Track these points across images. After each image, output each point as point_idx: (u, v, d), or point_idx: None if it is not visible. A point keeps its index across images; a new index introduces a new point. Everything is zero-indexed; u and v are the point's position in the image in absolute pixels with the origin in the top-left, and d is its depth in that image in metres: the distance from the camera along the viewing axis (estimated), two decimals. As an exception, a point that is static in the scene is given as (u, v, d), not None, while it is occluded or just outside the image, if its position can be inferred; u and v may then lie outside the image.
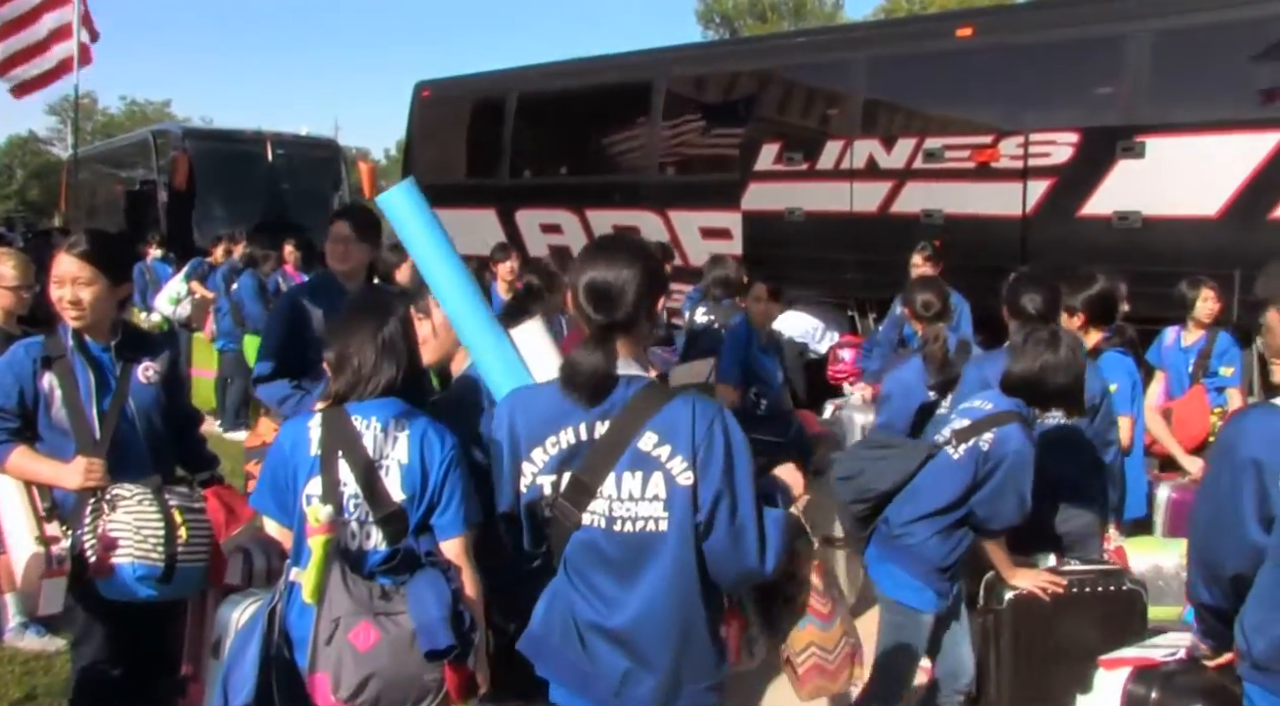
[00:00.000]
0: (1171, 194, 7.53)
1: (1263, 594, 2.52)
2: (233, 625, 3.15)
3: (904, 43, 9.86)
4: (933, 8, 28.58)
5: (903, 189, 8.91)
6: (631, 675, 2.45)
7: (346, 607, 2.71)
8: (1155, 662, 3.11)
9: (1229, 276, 6.94)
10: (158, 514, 3.32)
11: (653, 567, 2.42)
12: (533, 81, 12.73)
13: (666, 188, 10.94)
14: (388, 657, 2.68)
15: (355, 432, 2.84)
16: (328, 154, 18.21)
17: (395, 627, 2.70)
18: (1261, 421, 2.53)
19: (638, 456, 2.41)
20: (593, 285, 2.48)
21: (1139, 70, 7.90)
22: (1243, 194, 7.16)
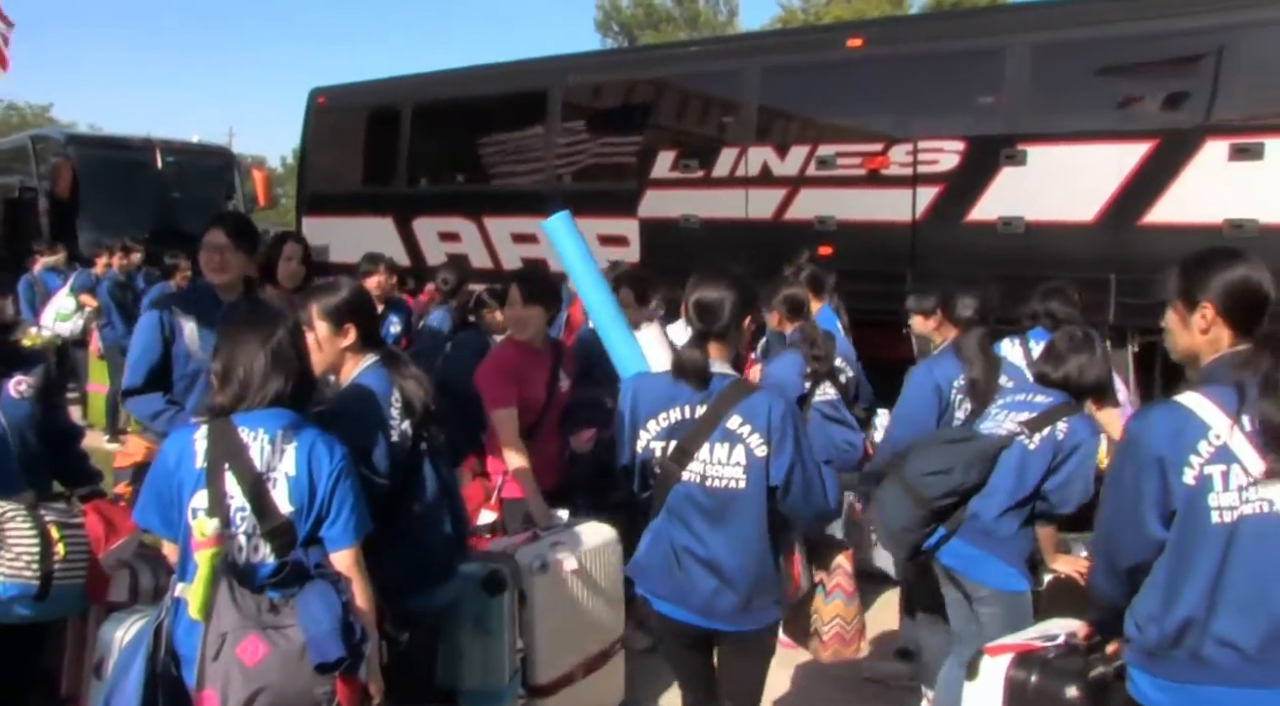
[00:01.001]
0: (1052, 200, 7.79)
1: (1157, 584, 2.63)
2: (116, 644, 3.10)
3: (797, 52, 10.01)
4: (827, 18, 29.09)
5: (796, 196, 9.06)
6: (718, 592, 3.32)
7: (234, 622, 2.68)
8: (1036, 649, 3.21)
9: (1105, 280, 7.23)
10: (32, 531, 3.22)
11: (734, 514, 3.30)
12: (429, 89, 12.63)
13: (564, 195, 10.93)
14: (277, 671, 2.66)
15: (242, 444, 2.80)
16: (220, 162, 17.78)
17: (285, 641, 2.67)
18: (1164, 418, 2.61)
19: (726, 433, 3.27)
20: (699, 302, 3.35)
21: (1020, 81, 8.16)
22: (1117, 201, 7.44)
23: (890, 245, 8.42)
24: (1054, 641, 3.21)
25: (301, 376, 2.96)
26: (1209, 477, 2.52)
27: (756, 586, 3.34)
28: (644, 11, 36.76)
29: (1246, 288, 2.62)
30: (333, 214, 12.72)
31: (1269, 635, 2.50)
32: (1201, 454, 2.53)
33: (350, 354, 3.45)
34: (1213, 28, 7.37)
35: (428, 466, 3.44)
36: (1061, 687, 2.99)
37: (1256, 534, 2.51)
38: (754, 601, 3.35)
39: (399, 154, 12.48)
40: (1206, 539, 2.54)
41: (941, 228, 8.29)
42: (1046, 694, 3.01)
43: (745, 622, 3.38)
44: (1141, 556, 2.66)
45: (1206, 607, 2.54)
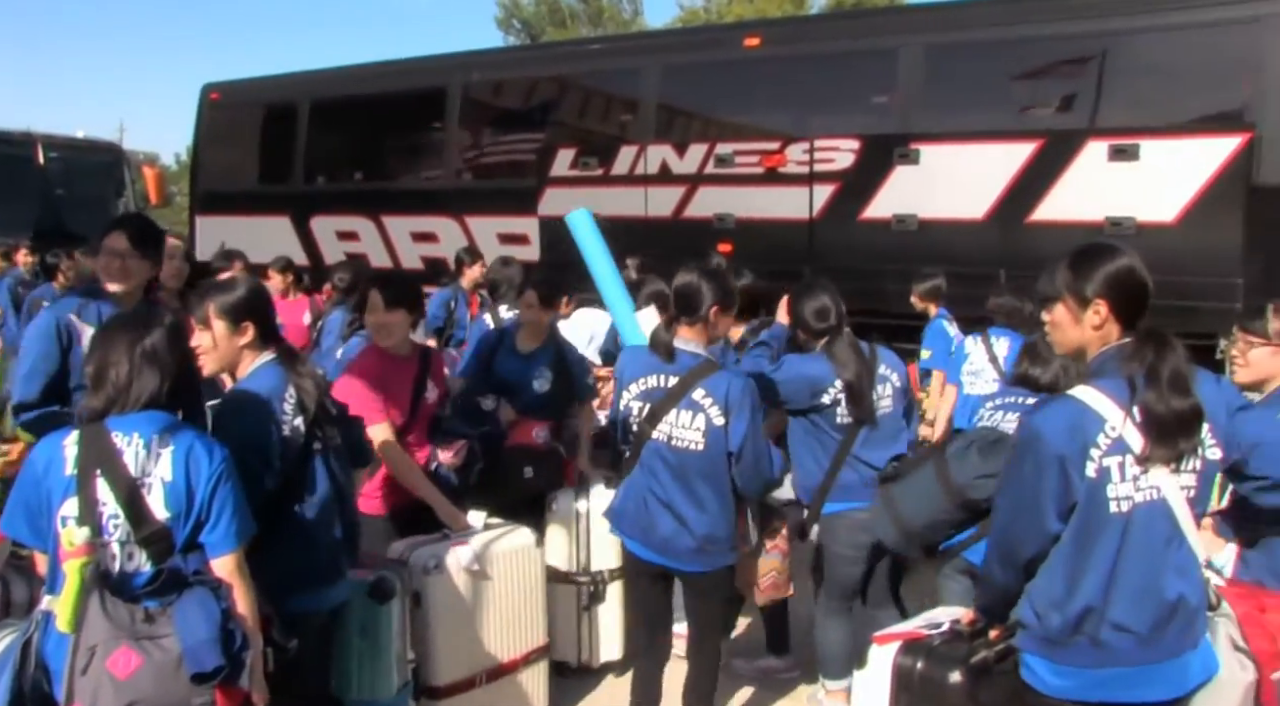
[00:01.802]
0: (944, 198, 7.97)
1: (1056, 572, 2.69)
2: None
3: (695, 51, 10.12)
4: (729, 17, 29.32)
5: (695, 193, 9.13)
6: (677, 534, 3.92)
7: (105, 633, 2.59)
8: (923, 636, 3.29)
9: (995, 275, 7.42)
10: None
11: (693, 471, 3.88)
12: (327, 85, 12.44)
13: (464, 193, 10.88)
14: (151, 683, 2.58)
15: (115, 449, 2.71)
16: (109, 158, 17.19)
17: (159, 651, 2.60)
18: (1062, 414, 2.67)
19: (691, 402, 3.85)
20: (676, 288, 3.94)
21: (913, 81, 8.33)
22: (1006, 198, 7.65)
23: (788, 242, 8.54)
24: (939, 628, 3.29)
25: (180, 377, 2.88)
26: (1107, 469, 2.61)
27: (709, 535, 3.91)
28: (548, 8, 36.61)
29: (1133, 283, 2.71)
30: (228, 213, 12.46)
31: (1158, 617, 2.62)
32: (1100, 446, 2.61)
33: (247, 352, 3.39)
34: (1096, 33, 7.64)
35: (319, 466, 3.38)
36: (945, 673, 3.07)
37: (1146, 521, 2.62)
38: (706, 547, 3.93)
39: (296, 151, 12.27)
40: (1106, 529, 2.62)
41: (838, 225, 8.43)
42: (931, 679, 3.09)
43: (698, 564, 3.97)
44: (1038, 549, 2.73)
45: (1104, 596, 2.63)
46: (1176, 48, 7.33)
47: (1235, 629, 2.77)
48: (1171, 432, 2.59)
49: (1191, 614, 2.66)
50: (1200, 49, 7.21)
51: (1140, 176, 7.10)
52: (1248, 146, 6.75)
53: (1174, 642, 2.65)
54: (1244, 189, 6.77)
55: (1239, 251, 6.76)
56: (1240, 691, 2.73)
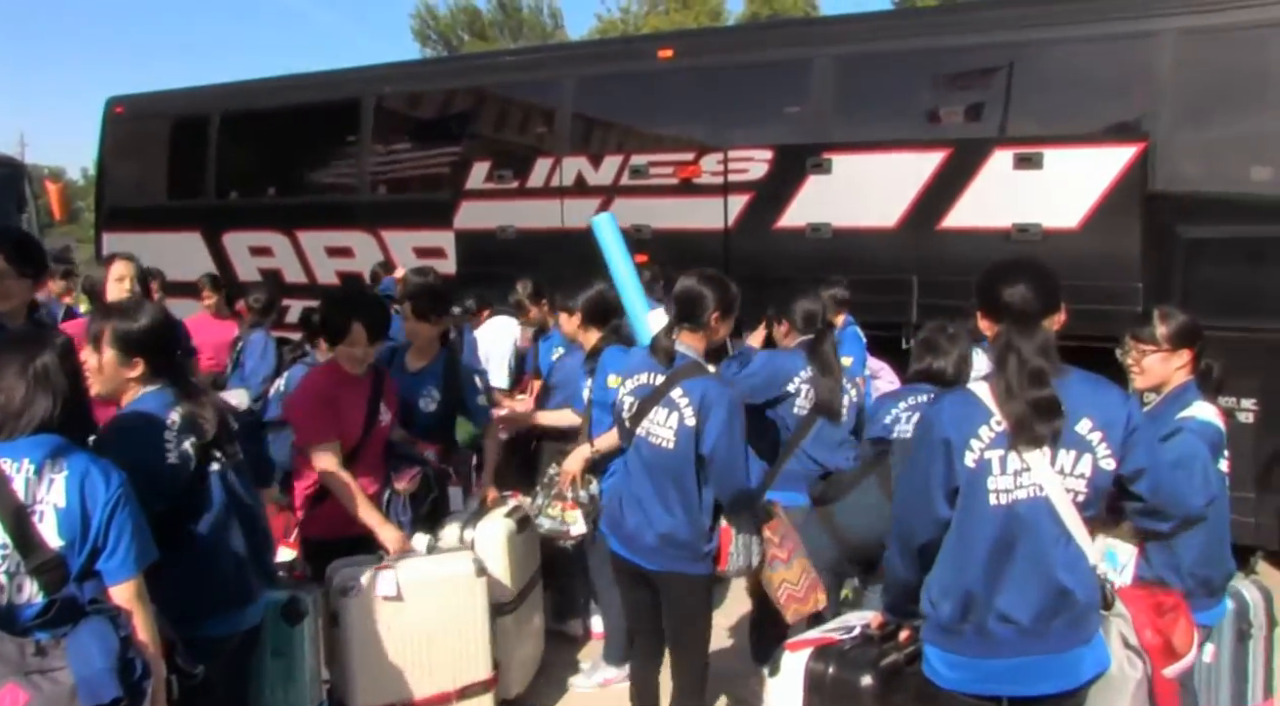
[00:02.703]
0: (856, 207, 8.07)
1: (945, 559, 2.79)
2: None
3: (610, 63, 10.13)
4: (646, 29, 29.49)
5: (611, 205, 9.13)
6: (640, 528, 3.99)
7: None
8: (834, 641, 3.34)
9: (908, 281, 7.54)
10: None
11: (662, 468, 3.93)
12: (238, 98, 12.22)
13: (379, 207, 10.78)
14: None
15: (3, 476, 2.62)
16: (8, 171, 16.70)
17: (51, 685, 2.51)
18: (954, 404, 2.83)
19: (669, 401, 3.92)
20: (678, 294, 4.02)
21: (824, 92, 8.44)
22: (916, 206, 7.78)
23: (704, 252, 8.54)
24: (850, 633, 3.34)
25: (72, 401, 2.79)
26: (988, 461, 2.71)
27: (669, 534, 3.93)
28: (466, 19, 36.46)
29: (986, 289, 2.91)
30: (136, 229, 12.16)
31: (1042, 609, 2.71)
32: (982, 438, 2.72)
33: (134, 383, 3.31)
34: (1002, 44, 7.81)
35: (215, 487, 3.31)
36: (857, 677, 3.13)
37: (1030, 516, 2.70)
38: (664, 547, 3.95)
39: (206, 165, 12.04)
40: (984, 520, 2.72)
41: (753, 235, 8.49)
42: (843, 683, 3.14)
43: (660, 562, 3.99)
44: (931, 534, 2.83)
45: (986, 584, 2.72)
46: (1078, 60, 7.53)
47: (1128, 627, 2.85)
48: (1027, 421, 2.68)
49: (1081, 610, 2.74)
50: (1100, 61, 7.41)
51: (1045, 184, 7.26)
52: (1143, 155, 6.94)
53: (1061, 636, 2.73)
54: (1140, 196, 6.96)
55: (1138, 256, 6.95)
56: (1131, 687, 2.81)
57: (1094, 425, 2.72)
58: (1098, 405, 2.74)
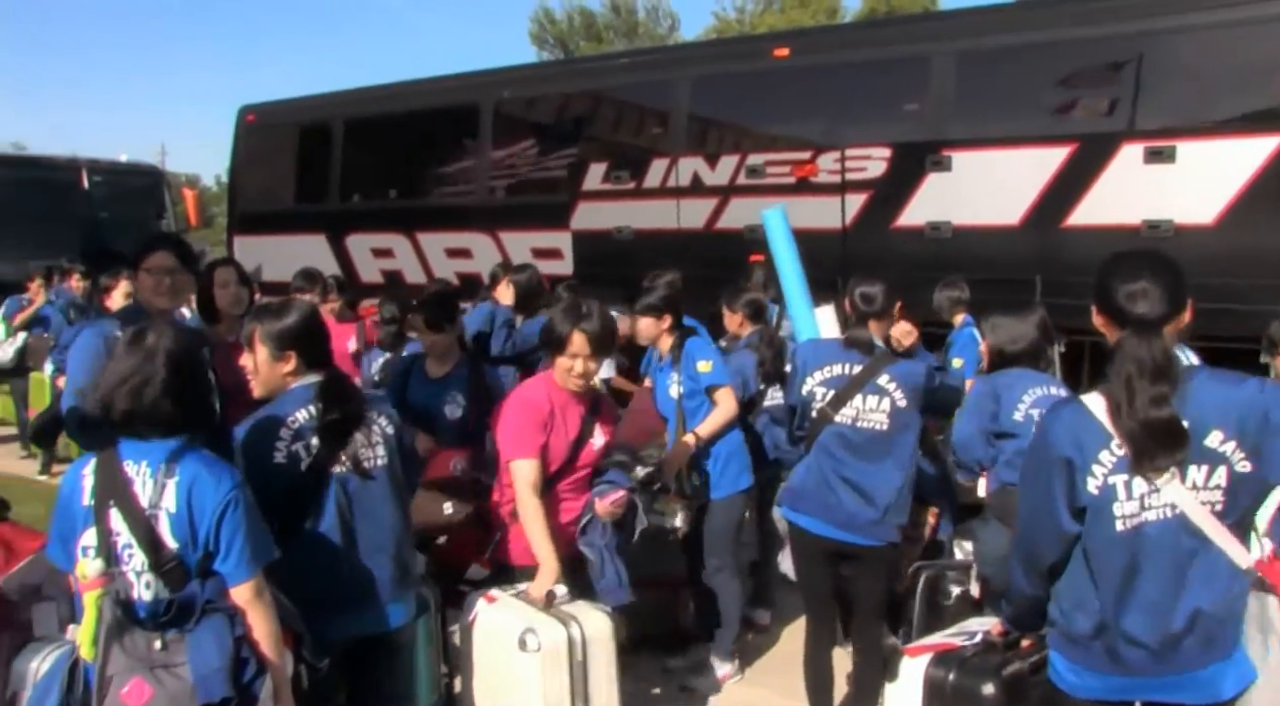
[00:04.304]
0: (977, 205, 7.91)
1: (1075, 572, 2.67)
2: (30, 676, 3.00)
3: (725, 63, 10.10)
4: (762, 28, 29.34)
5: (727, 205, 9.12)
6: (861, 508, 4.21)
7: (120, 664, 2.62)
8: (954, 647, 3.25)
9: (1030, 280, 7.35)
10: None
11: (877, 449, 4.22)
12: (361, 104, 12.56)
13: (497, 209, 10.94)
14: None
15: (126, 480, 2.71)
16: (149, 181, 17.47)
17: (174, 681, 2.61)
18: (1070, 420, 2.64)
19: (876, 387, 4.21)
20: (862, 293, 4.33)
21: (944, 88, 8.28)
22: (1040, 203, 7.57)
23: (821, 252, 8.46)
24: (972, 639, 3.25)
25: (196, 399, 2.87)
26: (1112, 487, 2.56)
27: (891, 507, 4.23)
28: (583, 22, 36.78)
29: (1103, 287, 2.68)
30: (265, 233, 12.59)
31: (1171, 632, 2.57)
32: (1104, 463, 2.56)
33: (290, 378, 3.37)
34: (1131, 35, 7.55)
35: (332, 490, 3.31)
36: (978, 685, 3.04)
37: (1162, 537, 2.55)
38: (886, 519, 4.24)
39: (331, 170, 12.40)
40: (1112, 545, 2.58)
41: (871, 234, 8.38)
42: (964, 691, 3.05)
43: (877, 537, 4.25)
44: (1059, 552, 2.70)
45: (1116, 609, 2.59)
46: (1214, 48, 7.24)
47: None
48: (1148, 451, 2.52)
49: (1214, 626, 2.58)
50: (1237, 48, 7.11)
51: (1178, 178, 7.01)
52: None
53: (1195, 656, 2.58)
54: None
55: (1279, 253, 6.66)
56: None
57: (1225, 435, 2.53)
58: (1228, 410, 2.56)
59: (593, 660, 3.59)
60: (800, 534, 4.43)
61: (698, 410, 5.10)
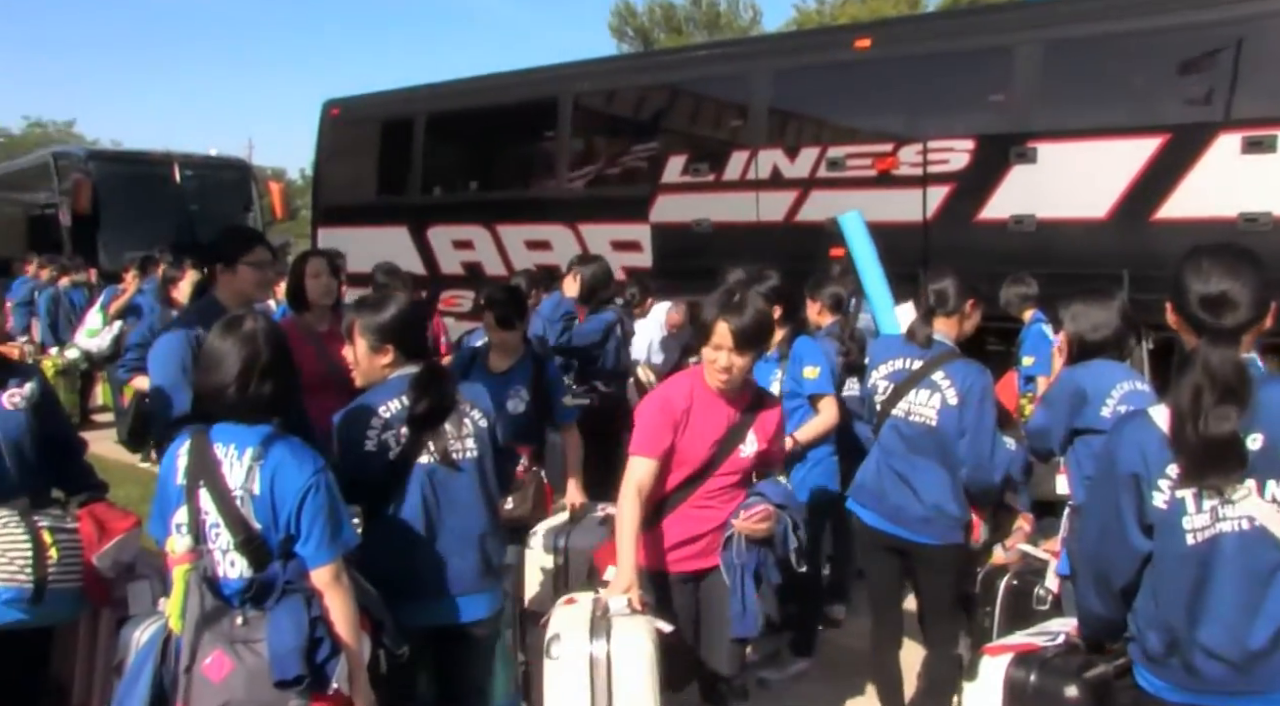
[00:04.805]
0: (1063, 197, 7.74)
1: (1145, 590, 2.60)
2: (133, 645, 3.12)
3: (806, 54, 9.99)
4: (843, 18, 29.04)
5: (807, 198, 9.04)
6: (908, 502, 4.23)
7: (204, 637, 2.72)
8: (1036, 648, 3.18)
9: (1118, 275, 7.16)
10: (25, 535, 3.26)
11: (926, 444, 4.20)
12: (442, 98, 12.68)
13: (576, 201, 10.98)
14: (243, 688, 2.68)
15: (215, 461, 2.82)
16: (237, 175, 17.92)
17: (253, 657, 2.69)
18: (1136, 435, 2.57)
19: (930, 382, 4.19)
20: (932, 290, 4.29)
21: (1030, 79, 8.11)
22: (1129, 196, 7.39)
23: (902, 246, 8.35)
24: (1054, 640, 3.18)
25: (289, 384, 2.97)
26: (1181, 501, 2.48)
27: (938, 505, 4.17)
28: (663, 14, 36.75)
29: (1180, 288, 2.57)
30: (348, 225, 12.77)
31: (1255, 645, 2.47)
32: (1170, 476, 2.48)
33: (387, 369, 3.47)
34: (1226, 21, 7.32)
35: (416, 480, 3.37)
36: (1061, 687, 2.96)
37: (1238, 551, 2.47)
38: (935, 519, 4.18)
39: (413, 163, 12.55)
40: (1182, 561, 2.50)
41: (953, 227, 8.25)
42: (1045, 693, 2.98)
43: (927, 534, 4.21)
44: (1131, 571, 2.61)
45: (1188, 623, 2.51)
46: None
47: None
48: (1202, 471, 2.44)
49: None
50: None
51: (1277, 169, 6.77)
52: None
53: (1278, 676, 2.49)
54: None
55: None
56: None
57: None
58: None
59: (619, 678, 3.38)
60: (861, 526, 4.47)
61: (794, 412, 5.08)
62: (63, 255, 14.10)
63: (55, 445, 3.69)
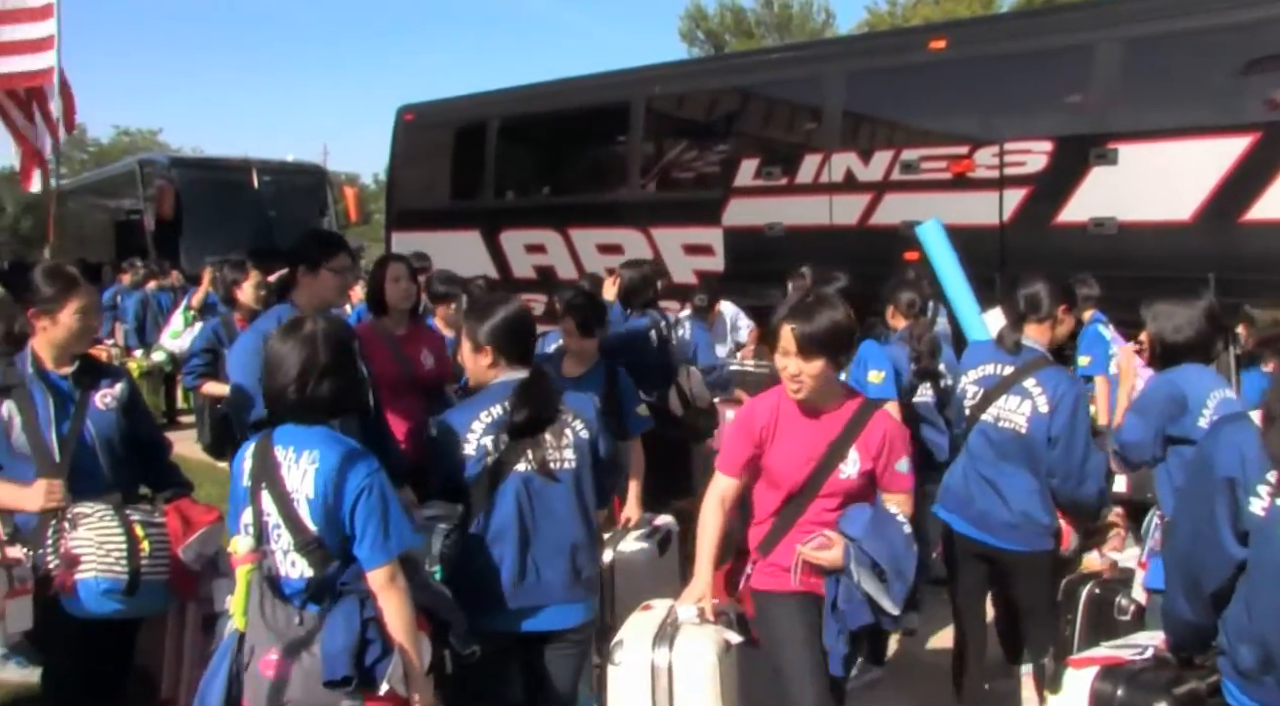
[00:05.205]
0: (1146, 200, 7.58)
1: (1239, 601, 2.52)
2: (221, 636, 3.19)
3: (880, 56, 9.91)
4: (915, 20, 28.72)
5: (881, 201, 8.96)
6: (994, 508, 4.18)
7: (261, 636, 2.76)
8: (1123, 661, 3.10)
9: (1204, 279, 6.98)
10: (119, 529, 3.36)
11: (1014, 451, 4.13)
12: (515, 103, 12.79)
13: (648, 205, 10.99)
14: (299, 686, 2.71)
15: (276, 463, 2.86)
16: (313, 180, 18.23)
17: (308, 657, 2.72)
18: (1235, 437, 2.49)
19: (1021, 389, 4.13)
20: (1024, 294, 4.26)
21: (1110, 78, 7.95)
22: (1214, 198, 7.21)
23: (978, 249, 8.23)
24: (1142, 653, 3.09)
25: (351, 386, 3.01)
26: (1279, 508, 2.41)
27: (1025, 512, 4.11)
28: (734, 18, 36.62)
29: None
30: (421, 229, 12.91)
31: None
32: (1270, 482, 2.40)
33: (491, 372, 3.51)
34: None
35: (510, 486, 3.38)
36: (1149, 702, 2.87)
37: None
38: (1022, 525, 4.12)
39: (486, 168, 12.65)
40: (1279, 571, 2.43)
41: (1030, 230, 8.12)
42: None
43: (1014, 541, 4.15)
44: (1223, 578, 2.52)
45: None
46: None
47: None
48: None
49: None
50: None
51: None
52: None
53: None
54: None
55: None
56: None
57: None
58: None
59: (680, 688, 3.31)
60: (948, 532, 4.41)
61: None
62: (147, 259, 14.46)
63: (142, 444, 3.81)
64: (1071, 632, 4.18)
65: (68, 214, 21.96)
